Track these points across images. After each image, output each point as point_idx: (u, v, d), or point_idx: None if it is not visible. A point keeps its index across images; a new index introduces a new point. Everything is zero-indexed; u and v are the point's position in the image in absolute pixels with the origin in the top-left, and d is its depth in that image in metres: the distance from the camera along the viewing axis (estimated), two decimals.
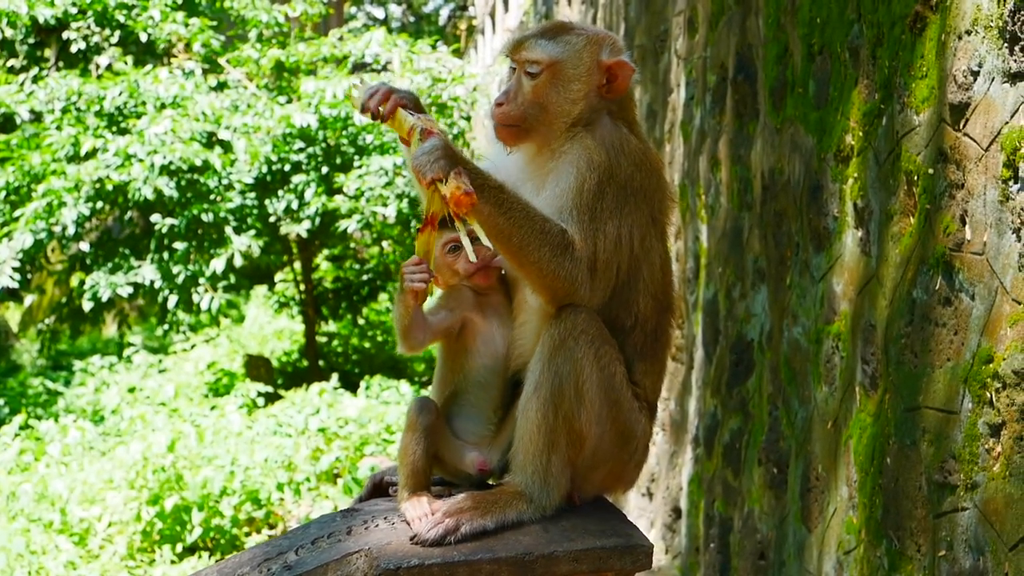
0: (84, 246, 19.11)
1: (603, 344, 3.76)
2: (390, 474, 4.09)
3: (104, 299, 18.18)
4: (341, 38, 21.13)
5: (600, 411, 3.76)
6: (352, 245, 22.62)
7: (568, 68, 3.93)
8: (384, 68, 21.26)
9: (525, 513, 3.69)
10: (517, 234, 3.63)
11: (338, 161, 19.29)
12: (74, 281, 19.93)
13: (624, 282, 3.88)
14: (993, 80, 4.56)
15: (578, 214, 3.74)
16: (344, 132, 19.12)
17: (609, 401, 3.78)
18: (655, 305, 3.98)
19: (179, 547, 12.44)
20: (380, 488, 4.18)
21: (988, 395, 4.46)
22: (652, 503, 10.54)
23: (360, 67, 21.78)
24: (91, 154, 18.32)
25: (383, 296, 22.91)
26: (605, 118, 3.94)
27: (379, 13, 52.88)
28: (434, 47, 22.45)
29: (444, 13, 53.66)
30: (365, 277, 22.70)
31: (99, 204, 18.18)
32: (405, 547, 3.46)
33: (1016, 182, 4.33)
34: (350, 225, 18.53)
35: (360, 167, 18.87)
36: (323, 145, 19.10)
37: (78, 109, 19.01)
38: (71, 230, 17.85)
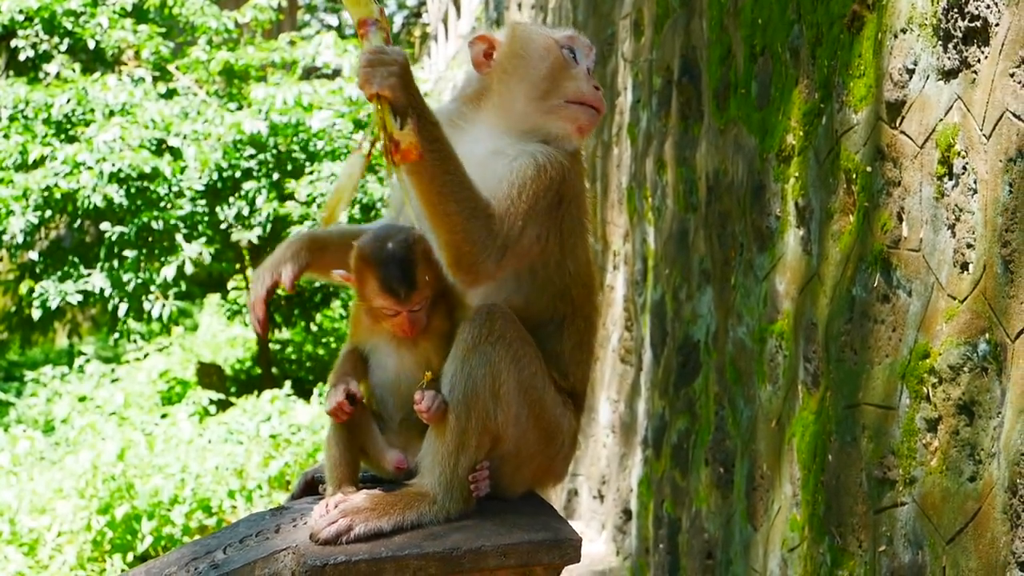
0: (33, 255, 18.97)
1: (522, 345, 3.72)
2: (321, 472, 4.06)
3: (53, 307, 18.07)
4: (292, 42, 21.07)
5: (519, 413, 3.72)
6: None
7: None
8: (335, 74, 21.22)
9: (427, 515, 3.61)
10: (443, 190, 3.52)
11: (289, 167, 19.24)
12: (23, 289, 19.79)
13: (555, 273, 3.87)
14: (928, 78, 4.60)
15: (517, 198, 3.69)
16: (295, 138, 19.08)
17: (529, 402, 3.75)
18: (586, 293, 3.98)
19: (130, 556, 12.36)
20: (311, 486, 4.15)
21: (925, 390, 4.48)
22: (603, 505, 10.55)
23: (311, 72, 21.73)
24: (39, 162, 18.22)
25: (336, 303, 22.82)
26: None
27: (333, 20, 52.69)
28: None
29: (398, 20, 53.57)
30: (318, 284, 22.61)
31: (48, 212, 18.07)
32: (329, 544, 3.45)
33: (951, 179, 4.36)
34: (301, 231, 18.48)
35: (311, 173, 18.83)
36: (274, 151, 19.05)
37: (25, 117, 18.89)
38: (19, 239, 17.74)
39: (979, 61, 4.19)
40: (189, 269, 18.29)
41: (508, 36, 3.99)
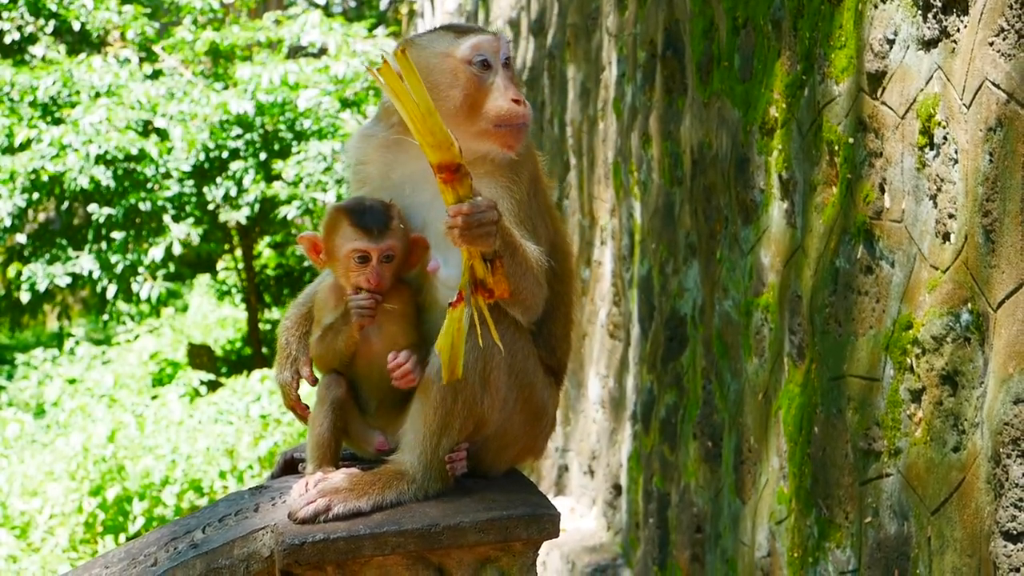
0: (21, 238, 18.95)
1: (516, 330, 3.70)
2: (300, 451, 4.06)
3: (42, 290, 18.07)
4: (277, 21, 20.98)
5: (507, 398, 3.70)
6: (293, 231, 22.55)
7: None
8: (322, 52, 21.15)
9: (405, 494, 3.59)
10: (521, 284, 3.56)
11: (276, 147, 19.22)
12: (11, 273, 19.77)
13: (551, 254, 3.83)
14: (908, 48, 4.58)
15: (532, 233, 3.72)
16: (281, 118, 19.05)
17: (519, 387, 3.73)
18: (568, 264, 4.01)
19: (122, 537, 12.40)
20: (291, 465, 4.14)
21: (909, 361, 4.49)
22: (593, 481, 10.56)
23: (296, 51, 21.65)
24: (25, 145, 18.17)
25: None
26: None
27: None
28: (371, 31, 22.35)
29: None
30: (307, 263, 22.60)
31: (35, 195, 18.04)
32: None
33: (932, 149, 4.36)
34: (290, 211, 18.47)
35: (298, 153, 18.80)
36: (260, 131, 19.01)
37: (11, 99, 18.83)
38: (7, 222, 17.72)
39: (958, 30, 4.17)
40: (178, 250, 18.29)
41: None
